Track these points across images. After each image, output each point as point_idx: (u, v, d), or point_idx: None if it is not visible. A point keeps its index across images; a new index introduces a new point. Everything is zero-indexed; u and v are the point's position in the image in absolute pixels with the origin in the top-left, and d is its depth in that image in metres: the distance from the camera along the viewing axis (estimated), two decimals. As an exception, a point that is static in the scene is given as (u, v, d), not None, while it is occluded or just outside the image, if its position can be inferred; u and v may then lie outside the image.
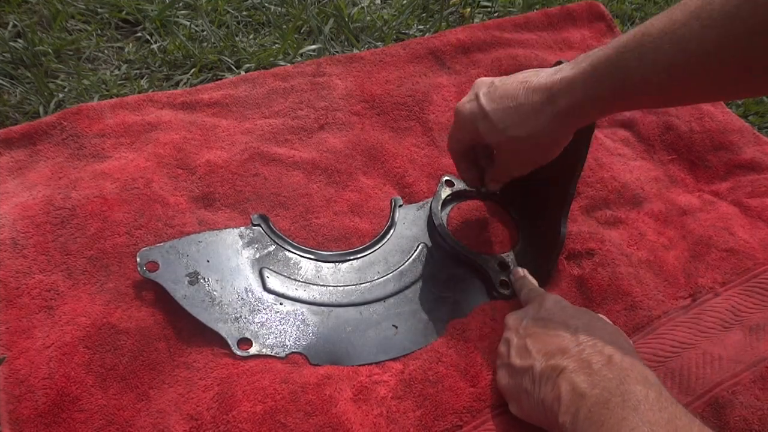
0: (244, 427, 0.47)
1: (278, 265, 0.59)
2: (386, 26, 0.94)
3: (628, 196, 0.70)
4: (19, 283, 0.53)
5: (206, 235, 0.58)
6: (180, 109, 0.72)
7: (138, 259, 0.54)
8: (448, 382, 0.52)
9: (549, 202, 0.63)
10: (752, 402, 0.53)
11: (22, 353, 0.49)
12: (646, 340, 0.57)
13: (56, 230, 0.57)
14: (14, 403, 0.46)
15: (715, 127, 0.78)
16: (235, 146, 0.68)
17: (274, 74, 0.77)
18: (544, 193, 0.64)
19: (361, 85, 0.77)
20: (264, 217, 0.61)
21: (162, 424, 0.47)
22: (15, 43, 0.79)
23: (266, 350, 0.53)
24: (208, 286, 0.55)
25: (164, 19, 0.86)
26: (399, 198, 0.67)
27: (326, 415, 0.48)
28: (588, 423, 0.39)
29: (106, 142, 0.66)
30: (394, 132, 0.74)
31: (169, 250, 0.56)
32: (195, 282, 0.55)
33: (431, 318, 0.58)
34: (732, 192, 0.73)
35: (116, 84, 0.78)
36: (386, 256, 0.62)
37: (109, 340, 0.50)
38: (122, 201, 0.59)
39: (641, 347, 0.56)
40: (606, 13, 0.96)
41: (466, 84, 0.79)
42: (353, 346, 0.55)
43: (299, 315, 0.56)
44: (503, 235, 0.66)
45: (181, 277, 0.54)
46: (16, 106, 0.74)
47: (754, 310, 0.60)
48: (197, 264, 0.56)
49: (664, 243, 0.66)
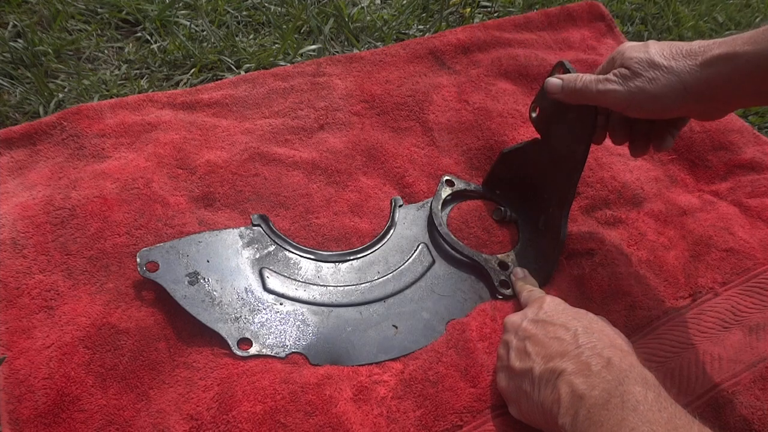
0: (244, 427, 0.47)
1: (278, 265, 0.59)
2: (386, 26, 0.94)
3: (628, 196, 0.70)
4: (19, 283, 0.53)
5: (206, 235, 0.58)
6: (180, 109, 0.72)
7: (138, 260, 0.54)
8: (448, 382, 0.52)
9: (549, 203, 0.63)
10: (752, 402, 0.53)
11: (22, 353, 0.49)
12: (646, 341, 0.57)
13: (56, 230, 0.57)
14: (14, 403, 0.46)
15: (715, 127, 0.78)
16: (235, 146, 0.68)
17: (274, 74, 0.77)
18: (544, 194, 0.64)
19: (361, 85, 0.77)
20: (264, 217, 0.61)
21: (162, 424, 0.47)
22: (15, 43, 0.79)
23: (266, 350, 0.53)
24: (208, 286, 0.55)
25: (164, 19, 0.86)
26: (399, 198, 0.67)
27: (326, 415, 0.48)
28: (588, 424, 0.39)
29: (106, 142, 0.66)
30: (394, 132, 0.74)
31: (169, 250, 0.56)
32: (195, 282, 0.55)
33: (431, 318, 0.58)
34: (732, 192, 0.73)
35: (116, 84, 0.78)
36: (386, 256, 0.62)
37: (109, 340, 0.50)
38: (122, 201, 0.59)
39: (641, 347, 0.56)
40: (606, 13, 0.96)
41: (466, 84, 0.79)
42: (353, 346, 0.55)
43: (299, 315, 0.56)
44: (503, 235, 0.66)
45: (181, 277, 0.54)
46: (16, 106, 0.74)
47: (753, 310, 0.60)
48: (197, 264, 0.56)
49: (664, 243, 0.66)
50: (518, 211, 0.67)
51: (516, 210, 0.67)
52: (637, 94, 0.50)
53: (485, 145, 0.72)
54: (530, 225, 0.66)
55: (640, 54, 0.50)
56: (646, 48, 0.51)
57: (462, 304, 0.59)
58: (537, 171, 0.64)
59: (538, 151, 0.63)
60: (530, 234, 0.65)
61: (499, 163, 0.67)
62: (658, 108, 0.50)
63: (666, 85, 0.49)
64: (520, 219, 0.67)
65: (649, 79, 0.49)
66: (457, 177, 0.69)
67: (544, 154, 0.62)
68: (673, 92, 0.48)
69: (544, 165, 0.62)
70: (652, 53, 0.50)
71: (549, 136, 0.61)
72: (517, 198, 0.67)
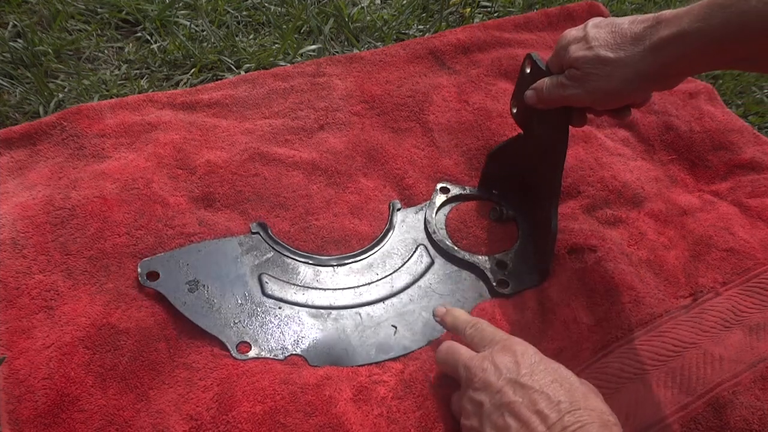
0: (244, 427, 0.47)
1: (277, 270, 0.59)
2: (386, 26, 0.94)
3: (628, 196, 0.70)
4: (19, 283, 0.53)
5: (206, 243, 0.58)
6: (180, 109, 0.72)
7: (139, 269, 0.55)
8: (449, 383, 0.52)
9: (541, 197, 0.63)
10: (752, 402, 0.53)
11: (22, 353, 0.49)
12: (649, 337, 0.57)
13: (56, 230, 0.57)
14: (14, 403, 0.46)
15: (715, 127, 0.78)
16: (235, 146, 0.68)
17: (274, 74, 0.77)
18: (536, 188, 0.64)
19: (361, 85, 0.77)
20: (263, 224, 0.61)
21: (162, 425, 0.47)
22: (15, 43, 0.79)
23: (265, 353, 0.53)
24: (208, 293, 0.55)
25: (164, 19, 0.86)
26: (397, 201, 0.67)
27: (326, 416, 0.48)
28: None
29: (106, 142, 0.66)
30: (394, 132, 0.74)
31: (169, 259, 0.56)
32: (195, 289, 0.55)
33: (431, 317, 0.58)
34: (732, 192, 0.73)
35: (116, 84, 0.78)
36: (385, 258, 0.62)
37: (109, 340, 0.50)
38: (122, 201, 0.59)
39: (644, 344, 0.56)
40: (606, 13, 0.96)
41: (466, 84, 0.79)
42: (352, 348, 0.55)
43: (298, 318, 0.56)
44: (503, 233, 0.66)
45: (181, 285, 0.55)
46: (16, 106, 0.74)
47: (754, 310, 0.60)
48: (197, 272, 0.56)
49: (664, 243, 0.66)
50: (516, 209, 0.67)
51: (514, 208, 0.67)
52: (596, 92, 0.51)
53: (485, 145, 0.72)
54: (528, 222, 0.66)
55: (585, 53, 0.50)
56: (587, 42, 0.50)
57: (462, 303, 0.59)
58: (525, 165, 0.64)
59: (523, 145, 0.64)
60: (529, 231, 0.66)
61: (488, 164, 0.68)
62: (619, 99, 0.51)
63: (621, 78, 0.49)
64: (519, 216, 0.67)
65: (603, 76, 0.49)
66: (452, 183, 0.69)
67: (529, 147, 0.63)
68: (630, 83, 0.49)
69: (531, 159, 0.63)
70: (596, 49, 0.49)
71: (531, 129, 0.62)
72: (514, 196, 0.67)
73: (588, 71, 0.50)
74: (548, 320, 0.58)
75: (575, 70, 0.51)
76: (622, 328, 0.56)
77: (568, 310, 0.58)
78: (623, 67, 0.48)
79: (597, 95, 0.51)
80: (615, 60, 0.48)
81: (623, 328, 0.56)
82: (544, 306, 0.59)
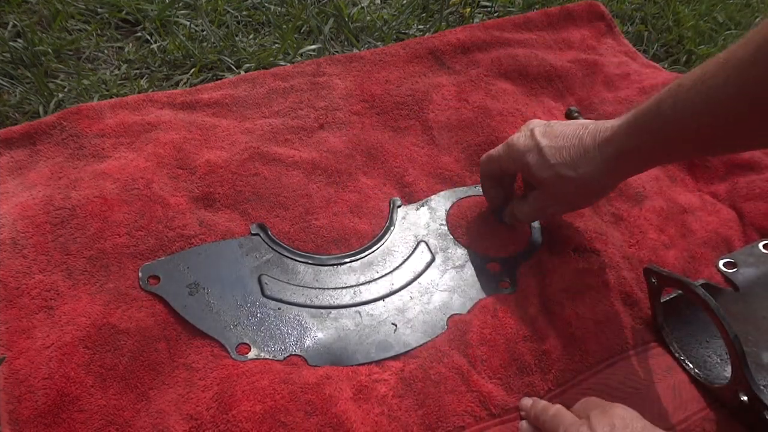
0: (244, 426, 0.47)
1: (276, 271, 0.59)
2: (386, 26, 0.94)
3: (629, 194, 0.70)
4: (19, 283, 0.53)
5: (207, 246, 0.58)
6: (180, 109, 0.72)
7: (140, 274, 0.55)
8: (450, 384, 0.52)
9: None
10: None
11: (22, 353, 0.49)
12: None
13: (56, 230, 0.56)
14: (14, 403, 0.46)
15: (715, 126, 0.78)
16: (235, 146, 0.68)
17: (274, 74, 0.77)
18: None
19: (361, 84, 0.77)
20: (262, 226, 0.61)
21: (162, 425, 0.47)
22: (15, 43, 0.78)
23: (264, 354, 0.53)
24: (208, 295, 0.55)
25: (164, 19, 0.86)
26: (397, 198, 0.67)
27: (326, 415, 0.48)
28: None
29: (106, 142, 0.65)
30: (394, 131, 0.74)
31: (170, 263, 0.56)
32: (195, 292, 0.55)
33: (432, 314, 0.58)
34: (731, 192, 0.73)
35: (116, 84, 0.78)
36: (385, 256, 0.62)
37: (109, 341, 0.50)
38: (122, 201, 0.59)
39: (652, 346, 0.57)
40: (606, 12, 0.96)
41: (466, 84, 0.79)
42: (352, 347, 0.55)
43: (298, 318, 0.56)
44: (505, 233, 0.65)
45: (181, 288, 0.55)
46: (16, 106, 0.74)
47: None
48: (197, 275, 0.56)
49: (664, 242, 0.66)
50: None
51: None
52: (570, 206, 0.60)
53: (486, 140, 0.72)
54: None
55: (546, 173, 0.55)
56: (543, 161, 0.55)
57: (463, 299, 0.59)
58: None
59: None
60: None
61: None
62: (590, 203, 0.61)
63: (588, 193, 0.56)
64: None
65: (572, 193, 0.56)
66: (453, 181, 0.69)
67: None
68: (596, 193, 0.57)
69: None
70: (556, 167, 0.54)
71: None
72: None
73: (552, 193, 0.56)
74: (551, 318, 0.58)
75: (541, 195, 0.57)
76: (621, 337, 0.57)
77: (571, 307, 0.58)
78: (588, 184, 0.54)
79: (572, 207, 0.60)
80: (575, 178, 0.53)
81: (622, 338, 0.57)
82: (547, 303, 0.59)
